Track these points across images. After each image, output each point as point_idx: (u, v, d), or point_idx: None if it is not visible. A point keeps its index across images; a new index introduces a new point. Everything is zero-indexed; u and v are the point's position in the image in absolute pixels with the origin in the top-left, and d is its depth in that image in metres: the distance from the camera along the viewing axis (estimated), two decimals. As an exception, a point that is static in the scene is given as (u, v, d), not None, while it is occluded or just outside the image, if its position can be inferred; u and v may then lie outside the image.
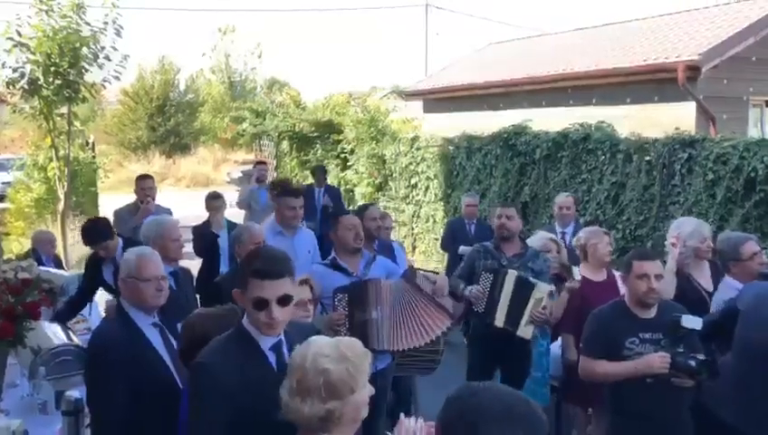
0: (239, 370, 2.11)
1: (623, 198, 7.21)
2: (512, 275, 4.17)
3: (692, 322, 3.03)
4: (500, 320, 4.18)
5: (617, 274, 4.16)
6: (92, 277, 4.44)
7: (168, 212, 5.80)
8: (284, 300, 2.15)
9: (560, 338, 4.64)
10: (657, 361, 3.00)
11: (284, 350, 2.21)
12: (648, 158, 6.88)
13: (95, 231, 4.27)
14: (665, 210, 6.72)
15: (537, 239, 4.65)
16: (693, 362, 2.94)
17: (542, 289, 4.13)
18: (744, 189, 5.91)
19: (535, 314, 4.11)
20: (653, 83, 9.13)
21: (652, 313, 3.16)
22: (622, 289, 3.58)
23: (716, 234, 4.49)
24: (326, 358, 1.90)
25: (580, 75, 10.17)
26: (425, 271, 4.11)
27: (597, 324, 3.29)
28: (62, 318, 4.28)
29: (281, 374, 2.09)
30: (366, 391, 1.94)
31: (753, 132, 9.06)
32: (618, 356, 3.13)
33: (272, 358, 2.19)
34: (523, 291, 4.15)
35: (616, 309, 3.27)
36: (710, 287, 3.88)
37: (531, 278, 4.21)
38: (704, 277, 4.00)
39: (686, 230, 4.09)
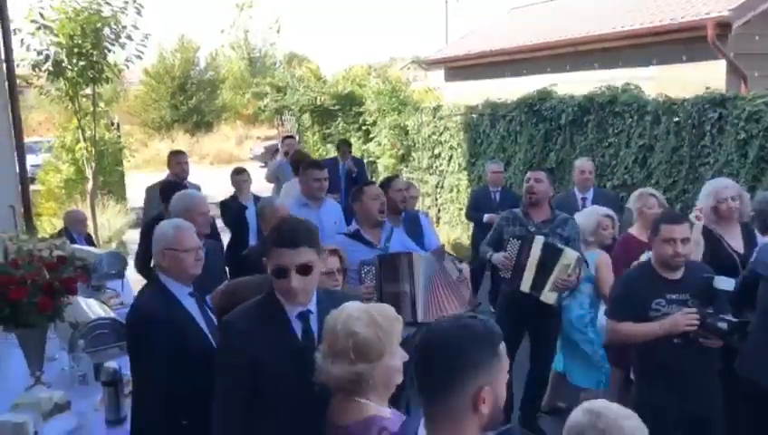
0: (263, 333, 2.17)
1: (651, 161, 7.08)
2: (539, 241, 4.15)
3: (725, 283, 3.00)
4: (526, 285, 4.18)
5: None
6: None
7: (198, 188, 5.87)
8: (305, 269, 2.16)
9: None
10: (683, 319, 3.00)
11: (313, 319, 2.24)
12: (676, 119, 6.73)
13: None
14: (694, 172, 6.59)
15: (588, 215, 4.54)
16: (725, 324, 2.91)
17: (570, 255, 4.09)
18: (777, 148, 5.77)
19: (560, 280, 4.10)
20: (681, 43, 8.87)
21: (679, 274, 3.14)
22: None
23: (752, 195, 4.42)
24: (357, 320, 1.95)
25: (604, 37, 9.91)
26: (453, 257, 4.08)
27: (623, 287, 3.30)
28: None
29: (305, 343, 2.19)
30: (398, 357, 1.96)
31: (787, 90, 8.79)
32: (644, 318, 3.14)
33: (297, 327, 2.24)
34: (550, 256, 4.13)
35: (642, 271, 3.27)
36: (741, 249, 3.81)
37: (559, 244, 4.18)
38: (734, 239, 3.94)
39: (702, 193, 4.06)
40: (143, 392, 2.78)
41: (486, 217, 6.57)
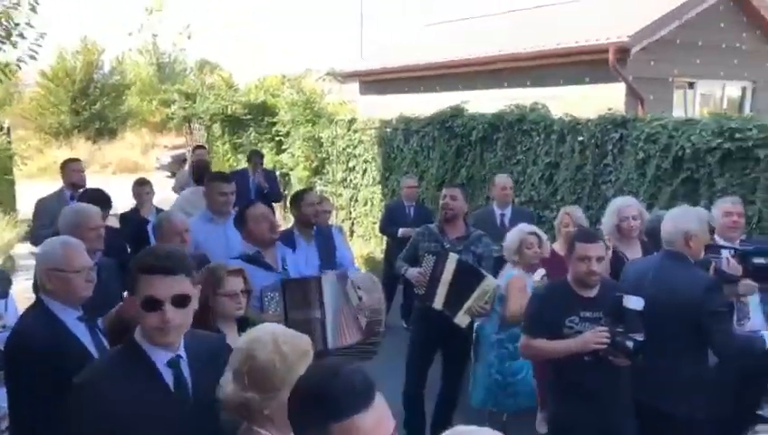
0: (127, 391, 1.85)
1: (557, 178, 7.32)
2: (453, 259, 4.14)
3: (633, 302, 3.06)
4: (438, 302, 4.15)
5: None
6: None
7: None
8: (181, 301, 1.89)
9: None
10: (592, 337, 3.03)
11: (184, 365, 1.97)
12: (580, 138, 6.99)
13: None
14: (597, 189, 6.86)
15: (515, 233, 4.44)
16: (630, 343, 2.96)
17: (490, 283, 4.12)
18: (672, 168, 6.08)
19: (476, 307, 4.10)
20: (585, 65, 9.30)
21: (594, 292, 3.18)
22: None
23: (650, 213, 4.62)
24: (259, 344, 1.82)
25: (513, 57, 10.25)
26: (356, 281, 3.80)
27: (538, 303, 3.32)
28: None
29: (179, 395, 1.93)
30: None
31: (678, 113, 9.38)
32: (558, 335, 3.15)
33: (168, 377, 1.94)
34: (468, 278, 4.12)
35: (557, 288, 3.30)
36: None
37: (477, 267, 4.18)
38: (635, 256, 4.09)
39: (607, 211, 4.27)
40: (22, 428, 2.51)
41: (401, 231, 6.56)
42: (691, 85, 10.14)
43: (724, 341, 3.19)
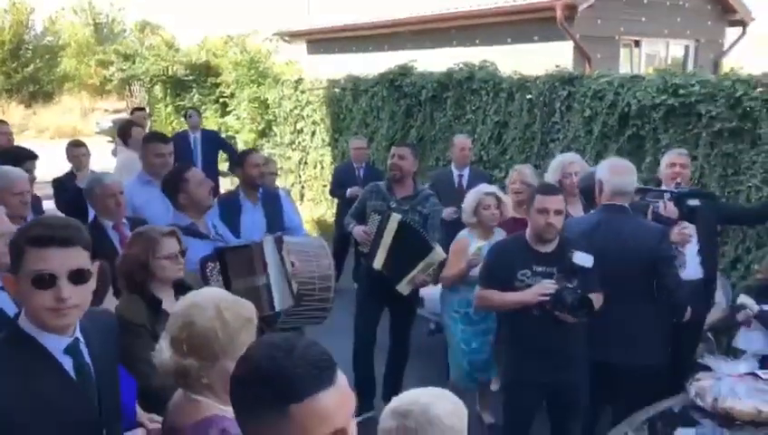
0: (19, 384, 1.60)
1: (506, 137, 7.30)
2: (395, 219, 4.10)
3: (582, 259, 3.06)
4: (378, 262, 4.13)
5: None
6: None
7: (33, 156, 5.01)
8: (79, 276, 1.65)
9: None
10: (538, 289, 3.05)
11: (83, 349, 1.74)
12: (529, 96, 6.97)
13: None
14: (545, 148, 6.88)
15: (472, 194, 4.19)
16: (570, 298, 2.97)
17: (437, 256, 4.11)
18: (618, 125, 6.13)
19: (419, 277, 4.12)
20: (533, 23, 9.25)
21: (551, 247, 3.18)
22: None
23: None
24: (201, 310, 1.72)
25: (462, 15, 10.13)
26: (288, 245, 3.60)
27: (494, 255, 3.34)
28: None
29: (81, 382, 1.72)
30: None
31: (624, 72, 9.47)
32: (509, 287, 3.16)
33: (67, 365, 1.70)
34: (410, 241, 4.08)
35: (515, 242, 3.30)
36: None
37: (424, 234, 4.13)
38: (577, 213, 4.13)
39: (550, 167, 4.29)
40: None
41: (349, 191, 6.45)
42: (637, 44, 10.23)
43: (677, 283, 3.33)
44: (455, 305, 4.17)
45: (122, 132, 6.26)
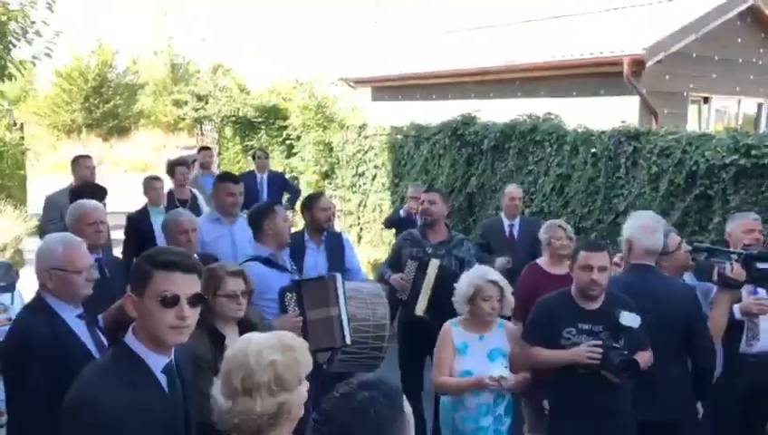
0: (129, 396, 1.80)
1: (568, 190, 7.24)
2: (434, 264, 4.13)
3: (630, 319, 3.00)
4: (420, 309, 4.14)
5: None
6: None
7: (103, 191, 5.28)
8: (196, 300, 1.92)
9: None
10: (585, 351, 2.98)
11: (174, 370, 1.99)
12: (593, 150, 6.92)
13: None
14: (608, 203, 6.79)
15: (470, 277, 3.57)
16: (617, 360, 2.91)
17: None
18: (685, 183, 6.00)
19: None
20: (599, 77, 9.23)
21: (596, 304, 3.13)
22: None
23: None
24: (271, 349, 1.75)
25: (527, 67, 10.19)
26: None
27: (539, 312, 3.29)
28: None
29: (173, 400, 1.93)
30: (305, 385, 1.80)
31: (692, 128, 9.29)
32: (554, 345, 3.12)
33: (163, 383, 1.93)
34: (451, 284, 4.08)
35: (560, 298, 3.25)
36: None
37: (457, 272, 4.13)
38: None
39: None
40: (21, 427, 2.47)
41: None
42: (706, 100, 10.04)
43: (711, 346, 3.30)
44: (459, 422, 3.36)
45: (168, 170, 6.60)
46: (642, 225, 3.41)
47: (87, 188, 4.72)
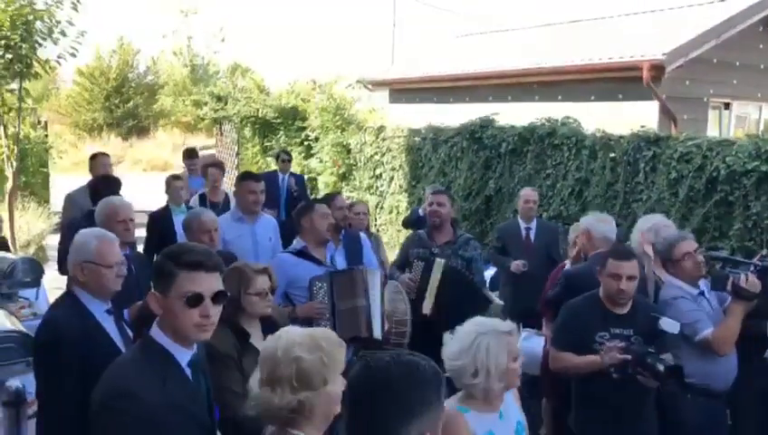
0: (159, 387, 1.86)
1: (587, 194, 7.24)
2: (439, 264, 4.18)
3: (670, 325, 3.01)
4: (427, 307, 4.18)
5: None
6: None
7: (118, 184, 5.29)
8: (219, 297, 1.96)
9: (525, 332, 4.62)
10: (620, 356, 2.98)
11: (199, 364, 2.05)
12: (612, 154, 6.91)
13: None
14: (627, 207, 6.78)
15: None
16: (662, 367, 2.90)
17: (496, 307, 4.22)
18: (705, 189, 5.98)
19: None
20: (618, 81, 9.20)
21: (625, 309, 3.14)
22: None
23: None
24: (299, 346, 1.80)
25: (545, 71, 10.18)
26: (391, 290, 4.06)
27: (568, 316, 3.28)
28: None
29: (196, 393, 2.00)
30: (339, 385, 1.84)
31: (712, 134, 9.22)
32: (586, 349, 3.11)
33: (189, 374, 1.99)
34: (457, 283, 4.15)
35: (589, 302, 3.25)
36: None
37: (463, 272, 4.23)
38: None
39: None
40: (50, 417, 2.54)
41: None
42: (727, 106, 9.97)
43: None
44: None
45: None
46: (598, 217, 4.02)
47: (103, 181, 4.77)
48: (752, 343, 3.42)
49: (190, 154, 8.14)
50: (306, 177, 11.15)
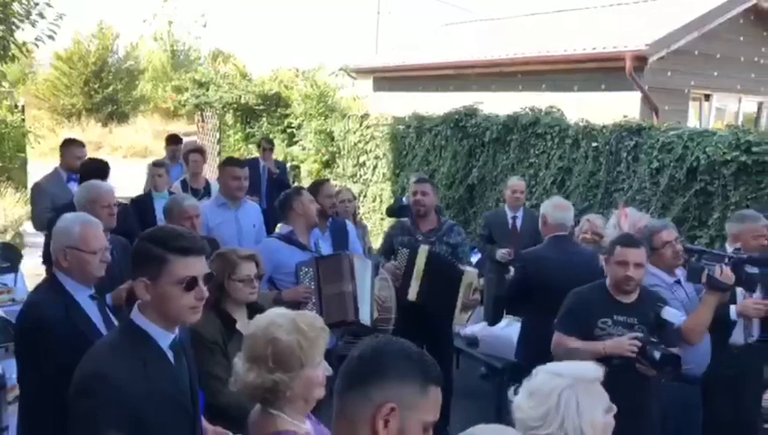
0: (143, 377, 1.85)
1: (569, 184, 7.29)
2: (423, 251, 4.21)
3: (672, 315, 3.05)
4: (412, 294, 4.21)
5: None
6: None
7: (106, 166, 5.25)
8: (208, 279, 2.00)
9: (506, 319, 4.67)
10: (627, 343, 3.01)
11: (180, 346, 2.06)
12: (595, 144, 6.97)
13: None
14: (609, 197, 6.84)
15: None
16: (658, 354, 2.94)
17: (471, 275, 4.23)
18: (686, 179, 6.06)
19: (467, 300, 4.21)
20: (600, 72, 9.26)
21: (631, 298, 3.19)
22: None
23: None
24: (278, 327, 1.82)
25: (529, 60, 10.22)
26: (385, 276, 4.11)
27: (574, 302, 3.31)
28: None
29: (180, 374, 2.01)
30: (321, 369, 1.84)
31: (693, 125, 9.33)
32: (589, 335, 3.16)
33: (170, 358, 1.99)
34: (441, 270, 4.20)
35: (595, 290, 3.29)
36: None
37: (450, 260, 4.26)
38: None
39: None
40: (32, 402, 2.52)
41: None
42: (707, 97, 10.08)
43: None
44: None
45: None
46: (555, 203, 4.20)
47: (95, 164, 4.73)
48: (715, 325, 3.46)
49: (174, 140, 8.03)
50: (289, 164, 11.09)
